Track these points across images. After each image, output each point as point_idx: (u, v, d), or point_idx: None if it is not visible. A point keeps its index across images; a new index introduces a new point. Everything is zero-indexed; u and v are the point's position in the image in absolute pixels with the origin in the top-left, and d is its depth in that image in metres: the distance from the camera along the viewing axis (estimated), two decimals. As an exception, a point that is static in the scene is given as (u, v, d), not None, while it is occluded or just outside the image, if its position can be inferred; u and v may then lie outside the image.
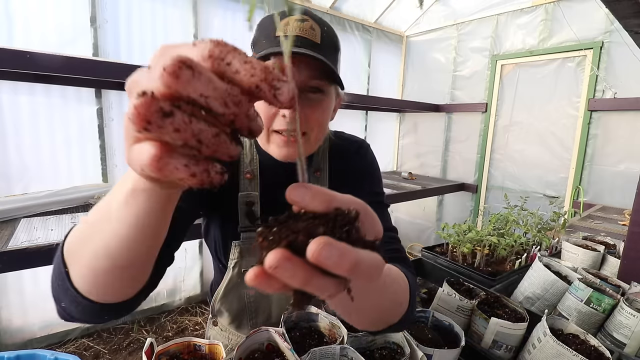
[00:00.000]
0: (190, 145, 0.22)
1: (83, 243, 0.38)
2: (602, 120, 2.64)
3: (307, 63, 0.58)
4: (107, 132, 2.27)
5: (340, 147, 0.80)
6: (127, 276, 0.40)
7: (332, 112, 0.70)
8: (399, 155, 4.28)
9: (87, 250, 0.37)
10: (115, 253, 0.36)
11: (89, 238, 0.37)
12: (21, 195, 1.86)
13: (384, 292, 0.45)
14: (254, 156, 0.73)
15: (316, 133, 0.65)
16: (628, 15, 0.80)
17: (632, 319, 0.79)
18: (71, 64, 1.64)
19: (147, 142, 0.22)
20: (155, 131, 0.21)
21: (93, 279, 0.39)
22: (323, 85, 0.62)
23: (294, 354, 0.61)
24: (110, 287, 0.41)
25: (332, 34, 0.64)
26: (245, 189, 0.72)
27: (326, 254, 0.21)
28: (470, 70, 3.46)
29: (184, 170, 0.22)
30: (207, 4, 2.59)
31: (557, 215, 1.49)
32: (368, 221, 0.27)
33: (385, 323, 0.51)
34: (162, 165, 0.22)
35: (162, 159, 0.22)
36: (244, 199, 0.72)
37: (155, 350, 0.60)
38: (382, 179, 0.85)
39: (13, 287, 2.09)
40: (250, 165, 0.72)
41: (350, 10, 3.47)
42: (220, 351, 0.63)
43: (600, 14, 2.54)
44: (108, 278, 0.39)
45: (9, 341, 2.12)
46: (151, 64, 0.23)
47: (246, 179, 0.72)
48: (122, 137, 2.04)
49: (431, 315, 0.80)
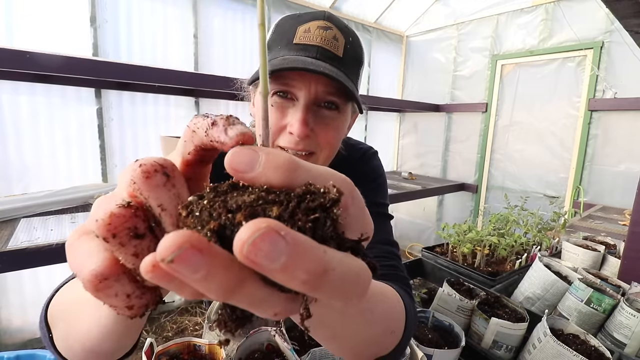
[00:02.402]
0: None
1: (64, 319, 0.35)
2: (602, 120, 2.64)
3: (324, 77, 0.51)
4: (107, 132, 2.26)
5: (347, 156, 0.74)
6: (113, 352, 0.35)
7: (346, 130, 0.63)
8: (399, 155, 4.28)
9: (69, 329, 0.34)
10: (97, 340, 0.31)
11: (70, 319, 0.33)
12: (21, 195, 1.86)
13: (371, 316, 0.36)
14: None
15: (326, 153, 0.58)
16: (628, 15, 0.80)
17: (632, 319, 0.79)
18: (71, 64, 1.64)
19: (98, 250, 0.18)
20: (114, 246, 0.18)
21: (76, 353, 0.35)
22: (339, 102, 0.55)
23: (294, 354, 0.61)
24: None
25: (357, 45, 0.58)
26: None
27: (266, 249, 0.13)
28: (470, 70, 3.46)
29: (123, 300, 0.18)
30: (207, 3, 2.59)
31: (557, 215, 1.49)
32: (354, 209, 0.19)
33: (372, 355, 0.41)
34: (102, 287, 0.18)
35: (105, 280, 0.18)
36: None
37: (155, 350, 0.60)
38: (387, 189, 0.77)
39: (13, 287, 2.09)
40: None
41: (350, 10, 3.47)
42: (220, 351, 0.63)
43: (601, 13, 2.54)
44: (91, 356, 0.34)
45: (9, 341, 2.12)
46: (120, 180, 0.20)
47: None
48: (121, 137, 2.05)
49: (431, 315, 0.80)
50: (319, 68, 0.49)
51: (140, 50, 2.35)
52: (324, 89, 0.52)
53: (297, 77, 0.51)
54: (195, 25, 2.54)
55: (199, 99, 2.63)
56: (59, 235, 1.43)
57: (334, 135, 0.57)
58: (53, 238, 1.39)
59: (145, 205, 0.18)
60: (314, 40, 0.51)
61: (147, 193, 0.18)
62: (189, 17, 2.51)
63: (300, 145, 0.53)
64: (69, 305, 0.34)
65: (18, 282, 2.10)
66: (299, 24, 0.53)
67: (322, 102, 0.54)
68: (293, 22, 0.54)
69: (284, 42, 0.54)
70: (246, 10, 2.80)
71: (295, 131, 0.52)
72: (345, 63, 0.53)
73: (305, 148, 0.54)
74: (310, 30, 0.52)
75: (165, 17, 2.42)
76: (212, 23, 2.64)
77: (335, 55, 0.52)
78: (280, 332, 0.67)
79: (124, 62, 2.14)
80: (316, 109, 0.54)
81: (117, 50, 2.25)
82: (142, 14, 2.32)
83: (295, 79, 0.51)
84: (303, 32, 0.52)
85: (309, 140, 0.53)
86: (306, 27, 0.52)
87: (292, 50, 0.52)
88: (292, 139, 0.53)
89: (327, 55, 0.52)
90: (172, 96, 2.50)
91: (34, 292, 2.16)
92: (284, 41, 0.54)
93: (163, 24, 2.42)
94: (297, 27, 0.53)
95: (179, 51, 2.52)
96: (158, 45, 2.42)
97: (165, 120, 2.52)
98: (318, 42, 0.51)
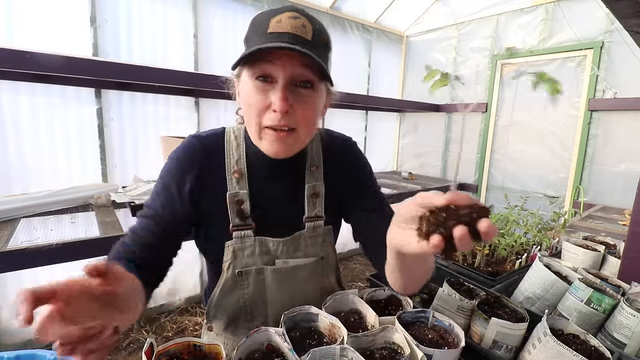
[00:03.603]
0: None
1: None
2: (602, 120, 2.64)
3: (298, 59, 0.59)
4: (107, 132, 2.27)
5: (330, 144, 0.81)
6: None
7: (322, 109, 0.70)
8: (399, 155, 4.28)
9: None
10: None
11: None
12: (21, 195, 1.86)
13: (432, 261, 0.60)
14: (242, 155, 0.73)
15: (305, 129, 0.66)
16: (628, 15, 0.80)
17: (632, 319, 0.79)
18: (71, 64, 1.64)
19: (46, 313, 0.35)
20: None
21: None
22: (313, 80, 0.62)
23: (294, 354, 0.61)
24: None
25: (324, 31, 0.65)
26: (233, 188, 0.71)
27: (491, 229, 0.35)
28: (470, 70, 3.46)
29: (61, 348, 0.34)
30: (207, 4, 2.59)
31: (557, 215, 1.49)
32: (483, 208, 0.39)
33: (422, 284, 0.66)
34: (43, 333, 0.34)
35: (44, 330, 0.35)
36: (233, 198, 0.71)
37: (155, 350, 0.60)
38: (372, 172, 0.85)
39: (13, 287, 2.09)
40: (237, 165, 0.72)
41: (350, 10, 3.47)
42: (220, 351, 0.63)
43: (601, 13, 2.54)
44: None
45: (9, 341, 2.12)
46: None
47: (234, 178, 0.72)
48: (121, 137, 2.07)
49: (431, 315, 0.80)
50: (292, 46, 0.56)
51: (140, 50, 2.35)
52: (299, 70, 0.60)
53: (274, 61, 0.59)
54: (195, 25, 2.54)
55: (199, 99, 2.63)
56: (59, 235, 1.43)
57: (311, 112, 0.65)
58: (53, 238, 1.39)
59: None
60: (285, 28, 0.58)
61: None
62: (189, 17, 2.51)
63: (282, 122, 0.61)
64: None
65: (18, 282, 2.10)
66: (271, 17, 0.60)
67: (298, 81, 0.61)
68: (266, 16, 0.61)
69: (259, 33, 0.60)
70: (246, 10, 2.80)
71: (277, 107, 0.59)
72: (314, 45, 0.60)
73: (287, 124, 0.62)
74: (281, 20, 0.59)
75: (165, 17, 2.42)
76: (212, 23, 2.64)
77: (305, 39, 0.59)
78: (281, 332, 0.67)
79: (124, 62, 2.14)
80: (293, 88, 0.62)
81: (117, 50, 2.25)
82: (142, 14, 2.32)
83: (273, 62, 0.59)
84: (275, 23, 0.59)
85: (288, 117, 0.61)
86: (278, 19, 0.59)
87: (267, 39, 0.58)
88: (276, 116, 0.61)
89: (297, 40, 0.58)
90: (172, 96, 2.50)
91: (34, 292, 2.16)
92: (259, 32, 0.60)
93: (163, 24, 2.42)
94: (270, 19, 0.60)
95: (179, 51, 2.52)
96: (158, 45, 2.42)
97: (165, 120, 2.52)
98: (289, 29, 0.58)
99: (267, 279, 0.74)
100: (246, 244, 0.72)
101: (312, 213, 0.76)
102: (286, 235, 0.74)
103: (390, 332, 0.71)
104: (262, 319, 0.79)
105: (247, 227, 0.71)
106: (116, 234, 1.49)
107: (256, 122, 0.63)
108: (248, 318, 0.80)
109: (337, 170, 0.79)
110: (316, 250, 0.78)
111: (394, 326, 0.72)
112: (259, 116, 0.62)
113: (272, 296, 0.76)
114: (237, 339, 0.79)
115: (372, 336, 0.71)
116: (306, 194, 0.76)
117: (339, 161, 0.80)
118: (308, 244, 0.77)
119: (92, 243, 1.42)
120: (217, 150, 0.73)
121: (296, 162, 0.74)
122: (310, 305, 0.77)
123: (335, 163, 0.79)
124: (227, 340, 0.82)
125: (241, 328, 0.81)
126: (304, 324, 0.76)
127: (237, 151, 0.73)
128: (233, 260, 0.73)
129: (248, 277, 0.74)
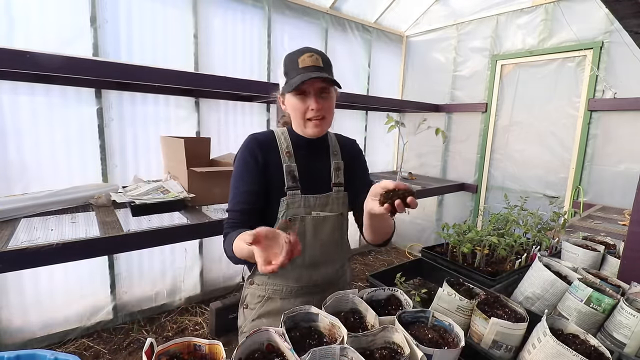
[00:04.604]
0: None
1: (240, 255, 0.87)
2: (602, 120, 2.64)
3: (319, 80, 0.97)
4: (107, 132, 2.27)
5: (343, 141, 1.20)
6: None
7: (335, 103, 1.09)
8: (399, 155, 4.28)
9: (244, 257, 0.87)
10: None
11: (241, 255, 0.87)
12: (21, 195, 1.86)
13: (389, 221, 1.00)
14: (288, 141, 1.07)
15: (329, 118, 1.05)
16: (628, 15, 0.81)
17: (632, 319, 0.79)
18: (71, 64, 1.64)
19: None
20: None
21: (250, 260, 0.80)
22: (328, 89, 1.02)
23: (294, 354, 0.61)
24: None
25: (327, 58, 1.03)
26: (286, 162, 1.05)
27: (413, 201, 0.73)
28: (470, 70, 3.46)
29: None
30: (207, 4, 2.59)
31: (557, 215, 1.49)
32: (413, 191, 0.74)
33: (385, 238, 1.05)
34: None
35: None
36: (288, 169, 1.05)
37: (155, 350, 0.60)
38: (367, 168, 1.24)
39: (13, 287, 2.09)
40: (287, 148, 1.07)
41: (350, 10, 3.47)
42: (220, 351, 0.63)
43: (600, 14, 2.54)
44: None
45: (9, 341, 2.12)
46: None
47: (286, 155, 1.05)
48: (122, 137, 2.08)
49: (431, 315, 0.80)
50: (316, 74, 0.96)
51: (140, 50, 2.35)
52: (320, 85, 0.99)
53: (307, 83, 0.97)
54: (195, 26, 2.54)
55: (199, 99, 2.63)
56: (59, 235, 1.43)
57: (331, 106, 1.05)
58: (53, 238, 1.39)
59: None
60: (308, 63, 0.98)
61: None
62: (189, 17, 2.51)
63: (317, 114, 1.00)
64: (238, 251, 0.87)
65: (18, 282, 2.10)
66: (298, 57, 0.99)
67: (321, 92, 1.01)
68: (294, 57, 1.00)
69: (294, 69, 0.99)
70: (246, 10, 2.80)
71: (314, 107, 0.99)
72: (325, 69, 1.00)
73: (320, 114, 1.01)
74: (305, 59, 0.98)
75: (165, 17, 2.42)
76: (212, 23, 2.64)
77: (319, 67, 0.99)
78: (281, 332, 0.67)
79: (124, 62, 2.14)
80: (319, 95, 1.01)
81: (117, 50, 2.26)
82: (142, 14, 2.32)
83: (306, 84, 0.97)
84: (302, 61, 0.98)
85: (320, 111, 1.01)
86: (302, 58, 0.98)
87: (300, 71, 0.97)
88: (313, 112, 1.00)
89: (316, 68, 0.98)
90: (172, 96, 2.50)
91: (34, 292, 2.16)
92: (294, 68, 0.99)
93: (163, 24, 2.43)
94: (297, 59, 0.99)
95: (179, 51, 2.52)
96: (158, 45, 2.42)
97: (165, 121, 2.52)
98: (310, 63, 0.98)
99: (307, 225, 1.05)
100: (295, 198, 1.04)
101: (336, 180, 1.11)
102: (320, 194, 1.08)
103: (390, 332, 0.71)
104: (302, 259, 1.06)
105: (296, 188, 1.04)
106: (116, 234, 1.49)
107: (301, 117, 1.02)
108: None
109: (348, 157, 1.16)
110: (339, 207, 1.11)
111: (393, 326, 0.72)
112: (303, 114, 1.02)
113: (309, 239, 1.06)
114: (277, 283, 1.08)
115: (372, 336, 0.71)
116: (332, 168, 1.12)
117: (349, 151, 1.18)
118: (334, 202, 1.10)
119: (92, 243, 1.42)
120: (271, 141, 1.07)
121: (324, 148, 1.13)
122: (310, 305, 0.77)
123: (346, 153, 1.17)
124: (268, 287, 1.08)
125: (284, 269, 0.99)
126: (304, 323, 0.77)
127: (286, 141, 1.08)
128: (286, 210, 1.03)
129: (295, 222, 1.04)
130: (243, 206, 1.02)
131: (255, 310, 1.10)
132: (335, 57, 3.68)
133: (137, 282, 2.57)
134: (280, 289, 1.07)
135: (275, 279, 1.08)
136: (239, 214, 1.01)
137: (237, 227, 0.98)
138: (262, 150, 1.04)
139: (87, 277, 2.36)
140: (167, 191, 1.97)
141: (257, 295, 1.09)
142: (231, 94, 2.61)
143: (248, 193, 1.02)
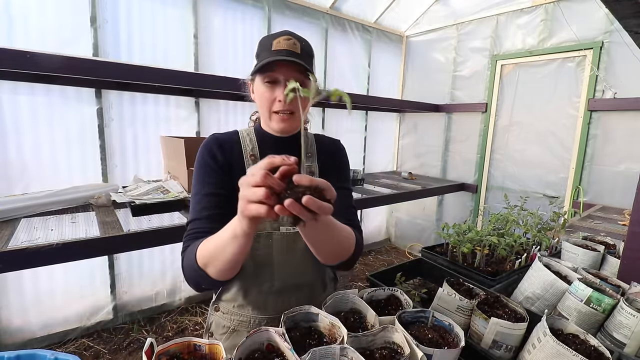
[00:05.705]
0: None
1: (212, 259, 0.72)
2: (602, 120, 2.64)
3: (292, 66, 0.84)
4: (107, 132, 2.27)
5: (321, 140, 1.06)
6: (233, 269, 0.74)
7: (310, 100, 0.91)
8: (399, 155, 4.28)
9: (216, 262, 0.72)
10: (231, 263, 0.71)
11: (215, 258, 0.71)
12: (21, 195, 1.86)
13: (334, 232, 0.73)
14: (254, 142, 0.96)
15: (298, 114, 0.89)
16: (628, 15, 0.81)
17: (632, 319, 0.79)
18: (71, 64, 1.64)
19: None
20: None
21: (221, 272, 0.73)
22: (305, 82, 0.86)
23: (294, 354, 0.61)
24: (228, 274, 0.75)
25: (309, 46, 0.91)
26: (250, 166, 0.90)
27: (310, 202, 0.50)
28: (470, 70, 3.46)
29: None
30: (207, 4, 2.59)
31: (557, 215, 1.49)
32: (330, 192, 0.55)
33: (337, 259, 0.82)
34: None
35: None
36: None
37: (155, 350, 0.60)
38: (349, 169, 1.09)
39: (13, 287, 2.09)
40: (252, 150, 0.95)
41: (350, 10, 3.47)
42: (220, 351, 0.63)
43: (600, 14, 2.54)
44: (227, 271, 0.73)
45: (9, 341, 2.12)
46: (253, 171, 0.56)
47: (250, 159, 0.93)
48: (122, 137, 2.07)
49: (431, 315, 0.80)
50: (288, 58, 0.82)
51: (140, 50, 2.35)
52: (293, 73, 0.84)
53: (277, 70, 0.84)
54: (195, 26, 2.54)
55: (199, 99, 2.63)
56: (59, 235, 1.43)
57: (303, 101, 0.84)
58: (53, 238, 1.39)
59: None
60: (282, 46, 0.84)
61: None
62: (189, 17, 2.51)
63: (285, 107, 0.86)
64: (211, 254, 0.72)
65: (18, 282, 2.10)
66: (273, 39, 0.86)
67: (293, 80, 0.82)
68: (269, 39, 0.87)
69: (266, 50, 0.86)
70: (246, 10, 2.80)
71: (281, 98, 0.85)
72: (302, 56, 0.86)
73: (288, 109, 0.87)
74: (280, 41, 0.85)
75: (165, 17, 2.42)
76: (212, 23, 2.64)
77: (296, 53, 0.85)
78: (281, 332, 0.67)
79: (124, 62, 2.14)
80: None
81: (117, 50, 2.26)
82: (142, 14, 2.32)
83: (277, 70, 0.84)
84: (276, 43, 0.85)
85: (289, 105, 0.86)
86: (277, 40, 0.85)
87: (272, 54, 0.84)
88: (280, 105, 0.86)
89: (291, 53, 0.84)
90: (172, 96, 2.50)
91: (34, 292, 2.16)
92: (265, 50, 0.86)
93: (163, 24, 2.42)
94: (272, 41, 0.86)
95: (179, 51, 2.52)
96: (158, 45, 2.42)
97: (165, 121, 2.52)
98: (285, 47, 0.84)
99: (274, 243, 0.91)
100: None
101: None
102: None
103: (390, 331, 0.71)
104: (269, 284, 0.92)
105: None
106: (116, 234, 1.49)
107: (267, 109, 0.88)
108: (258, 282, 0.92)
109: (325, 158, 1.02)
110: None
111: (393, 326, 0.72)
112: (269, 106, 0.88)
113: (278, 258, 0.92)
114: (243, 314, 0.94)
115: (372, 336, 0.71)
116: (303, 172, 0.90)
117: (327, 150, 1.04)
118: None
119: (92, 243, 1.42)
120: (235, 142, 0.95)
121: (296, 149, 0.95)
122: (310, 305, 0.77)
123: (323, 152, 1.03)
124: (234, 317, 0.94)
125: (250, 296, 0.93)
126: (304, 323, 0.77)
127: (251, 142, 0.96)
128: None
129: (259, 239, 0.90)
130: (210, 212, 0.85)
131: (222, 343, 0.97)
132: (335, 57, 3.68)
133: (137, 282, 2.57)
134: (247, 320, 0.93)
135: (242, 309, 0.94)
136: (205, 221, 0.84)
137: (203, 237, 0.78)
138: (224, 151, 0.91)
139: (87, 277, 2.36)
140: (167, 191, 1.97)
141: (222, 325, 0.96)
142: (231, 94, 2.61)
143: (214, 196, 0.87)
